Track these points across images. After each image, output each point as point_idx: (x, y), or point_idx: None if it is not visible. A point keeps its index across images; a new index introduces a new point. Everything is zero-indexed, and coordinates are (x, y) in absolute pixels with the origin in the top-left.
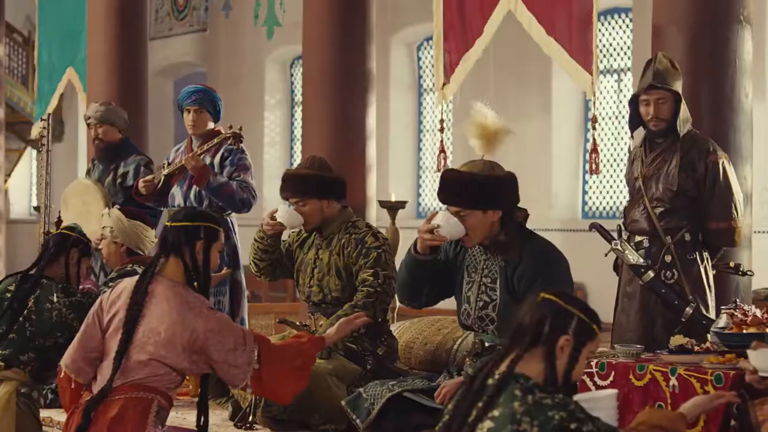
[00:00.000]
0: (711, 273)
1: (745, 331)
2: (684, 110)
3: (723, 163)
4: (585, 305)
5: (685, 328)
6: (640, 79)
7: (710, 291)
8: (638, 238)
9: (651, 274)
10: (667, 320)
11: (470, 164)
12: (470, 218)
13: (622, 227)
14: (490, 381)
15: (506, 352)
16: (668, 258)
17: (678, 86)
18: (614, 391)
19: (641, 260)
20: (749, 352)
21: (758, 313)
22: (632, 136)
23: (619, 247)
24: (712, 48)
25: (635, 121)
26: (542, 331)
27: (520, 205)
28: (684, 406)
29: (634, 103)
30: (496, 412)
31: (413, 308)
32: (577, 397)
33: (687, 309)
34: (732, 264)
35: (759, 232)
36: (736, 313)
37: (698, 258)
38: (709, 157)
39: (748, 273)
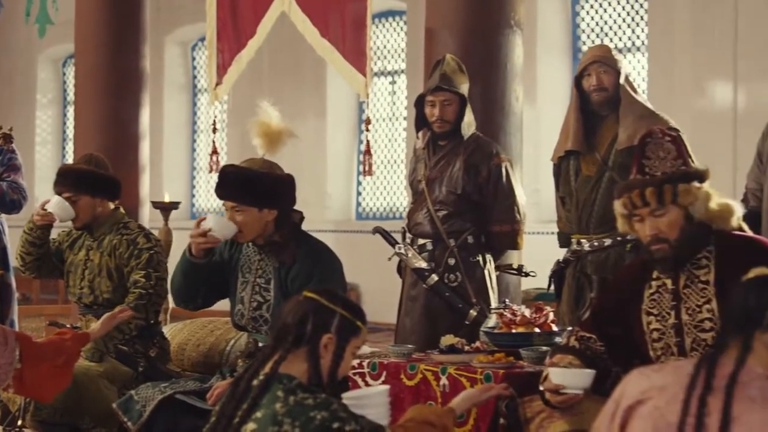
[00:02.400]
0: (494, 275)
1: (514, 331)
2: (469, 113)
3: (506, 166)
4: (348, 302)
5: (469, 330)
6: (428, 79)
7: (494, 293)
8: (422, 241)
9: (435, 277)
10: (451, 323)
11: (250, 161)
12: (246, 215)
13: (406, 230)
14: (255, 382)
15: (271, 352)
16: (452, 261)
17: (464, 89)
18: (386, 387)
19: (424, 264)
20: (551, 370)
21: (527, 312)
22: (418, 137)
23: (402, 250)
24: (483, 52)
25: (420, 122)
26: (305, 331)
27: (295, 206)
28: (454, 401)
29: (420, 103)
30: (259, 414)
31: (189, 310)
32: (348, 395)
33: (471, 312)
34: (515, 265)
35: (529, 233)
36: (505, 313)
37: (481, 260)
38: (492, 160)
39: (531, 274)
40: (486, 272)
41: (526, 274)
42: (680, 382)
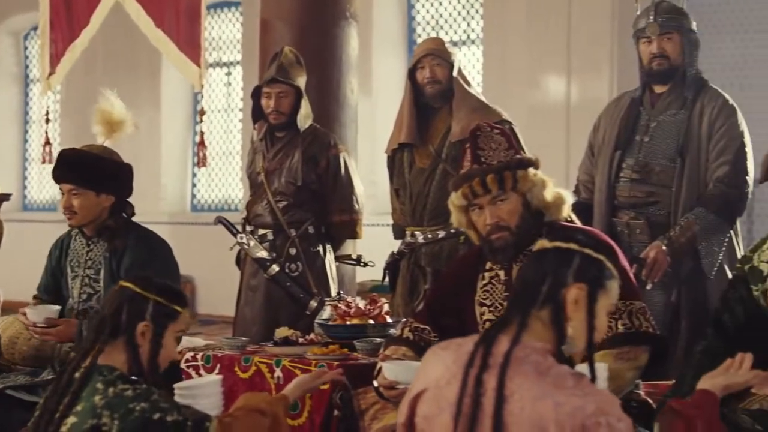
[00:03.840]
0: (334, 265)
1: (348, 323)
2: (306, 105)
3: (344, 156)
4: (163, 287)
5: (310, 320)
6: (266, 71)
7: (334, 283)
8: (262, 232)
9: (276, 267)
10: (291, 313)
11: (90, 146)
12: (83, 199)
13: (246, 221)
14: (77, 375)
15: (91, 345)
16: (293, 251)
17: (301, 81)
18: (218, 377)
19: (266, 254)
20: (384, 365)
21: (362, 304)
22: (255, 129)
23: (244, 240)
24: (318, 43)
25: (257, 113)
26: (120, 320)
27: (130, 198)
28: (287, 388)
29: (256, 95)
30: (79, 407)
31: None
32: (179, 385)
33: (312, 302)
34: (354, 255)
35: (366, 225)
36: (340, 305)
37: (322, 250)
38: (330, 150)
39: (369, 264)
40: (326, 262)
41: (365, 264)
42: (460, 361)
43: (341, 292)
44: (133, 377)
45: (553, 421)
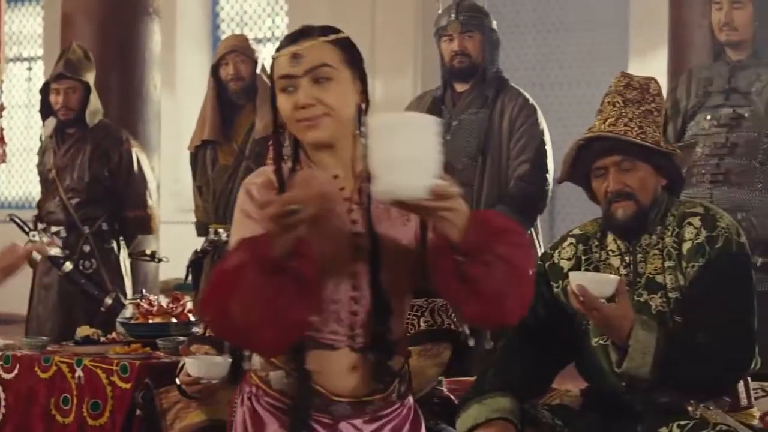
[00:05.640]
0: (128, 262)
1: (151, 321)
2: (95, 101)
3: (136, 152)
4: None
5: (105, 317)
6: (54, 67)
7: (128, 279)
8: (55, 229)
9: (70, 265)
10: (86, 310)
11: None
12: None
13: (38, 219)
14: None
15: None
16: (87, 248)
17: (89, 77)
18: None
19: (59, 251)
20: (187, 360)
21: (164, 302)
22: (44, 125)
23: (36, 239)
24: (121, 39)
25: (46, 109)
26: None
27: None
28: None
29: (45, 91)
30: None
31: None
32: None
33: (107, 299)
34: (148, 252)
35: (170, 223)
36: (142, 303)
37: (116, 247)
38: (122, 146)
39: (163, 260)
40: (121, 259)
41: (159, 260)
42: None
43: (143, 290)
44: None
45: None
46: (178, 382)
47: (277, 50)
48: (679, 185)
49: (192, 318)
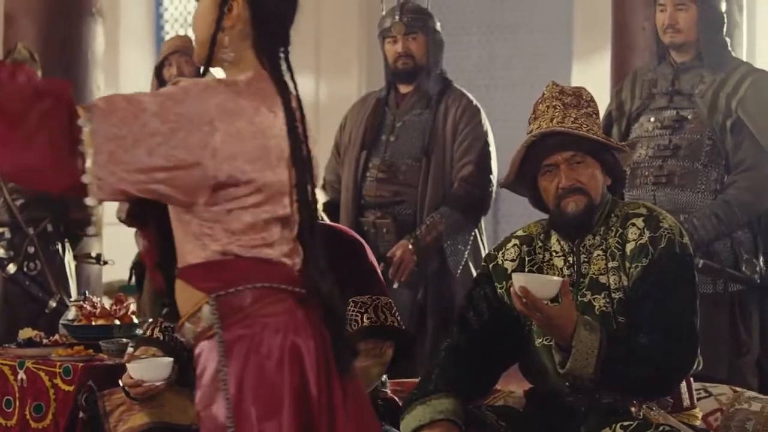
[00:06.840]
0: (73, 264)
1: (94, 323)
2: None
3: None
4: None
5: (49, 320)
6: None
7: (73, 281)
8: (0, 230)
9: (14, 266)
10: (30, 312)
11: None
12: None
13: None
14: None
15: None
16: (31, 249)
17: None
18: None
19: (3, 253)
20: (129, 366)
21: (107, 304)
22: None
23: None
24: (64, 39)
25: None
26: None
27: None
28: None
29: None
30: None
31: None
32: None
33: (51, 302)
34: (93, 254)
35: (113, 224)
36: (85, 305)
37: (61, 249)
38: None
39: (108, 262)
40: (66, 261)
41: (105, 263)
42: None
43: (86, 292)
44: None
45: None
46: (121, 383)
47: None
48: (621, 185)
49: (135, 320)
